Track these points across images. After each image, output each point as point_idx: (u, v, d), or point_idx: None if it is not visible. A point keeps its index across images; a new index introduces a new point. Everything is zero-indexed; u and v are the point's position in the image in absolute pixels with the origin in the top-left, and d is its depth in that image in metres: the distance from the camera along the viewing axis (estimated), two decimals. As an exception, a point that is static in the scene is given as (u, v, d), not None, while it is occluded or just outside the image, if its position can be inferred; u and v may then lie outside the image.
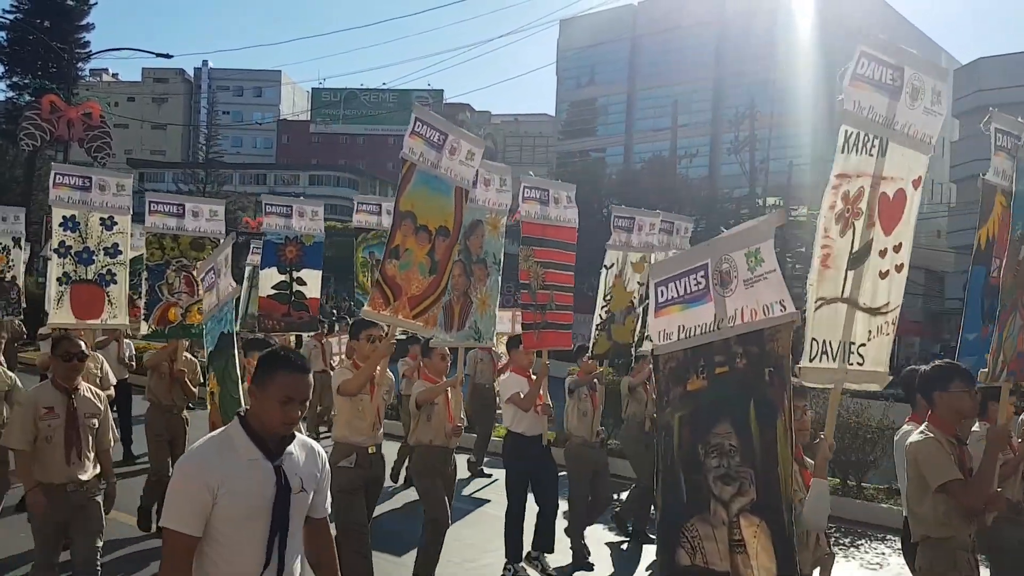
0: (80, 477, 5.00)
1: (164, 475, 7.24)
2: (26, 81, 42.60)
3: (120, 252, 7.53)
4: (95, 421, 5.13)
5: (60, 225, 7.32)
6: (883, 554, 8.01)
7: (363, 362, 5.69)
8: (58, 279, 7.29)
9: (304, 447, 3.01)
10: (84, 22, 43.19)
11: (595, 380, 7.59)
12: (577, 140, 52.21)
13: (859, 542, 8.41)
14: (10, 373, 6.72)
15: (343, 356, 9.67)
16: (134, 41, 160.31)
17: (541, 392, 6.85)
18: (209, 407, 4.92)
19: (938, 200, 50.73)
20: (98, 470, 5.20)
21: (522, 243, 6.99)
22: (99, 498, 5.15)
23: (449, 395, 6.35)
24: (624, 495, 8.70)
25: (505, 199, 6.92)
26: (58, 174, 7.41)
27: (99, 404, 5.20)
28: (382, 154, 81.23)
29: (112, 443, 5.37)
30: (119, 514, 6.86)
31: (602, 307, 7.87)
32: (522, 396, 6.81)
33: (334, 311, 28.18)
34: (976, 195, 6.71)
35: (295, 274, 9.51)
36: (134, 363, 10.85)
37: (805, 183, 38.12)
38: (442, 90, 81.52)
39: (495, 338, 8.85)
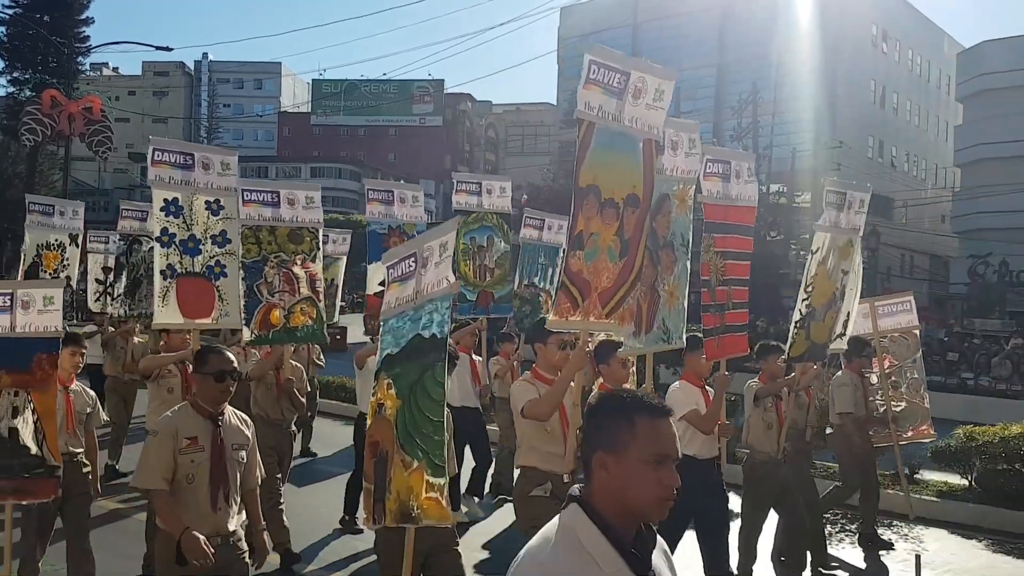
0: (228, 527, 4.03)
1: (278, 498, 6.67)
2: (27, 76, 42.66)
3: (229, 241, 6.47)
4: (243, 454, 4.15)
5: (161, 209, 6.25)
6: (889, 539, 7.98)
7: (550, 373, 4.75)
8: (162, 272, 6.23)
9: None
10: (84, 16, 43.24)
11: (785, 388, 6.56)
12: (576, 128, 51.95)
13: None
14: (91, 392, 5.91)
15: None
16: (134, 35, 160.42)
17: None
18: (369, 420, 4.20)
19: (942, 185, 50.62)
20: (243, 516, 4.23)
21: (704, 230, 5.95)
22: (246, 555, 4.17)
23: None
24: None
25: (694, 165, 5.72)
26: (157, 150, 6.26)
27: (247, 432, 4.24)
28: (383, 145, 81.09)
29: (259, 481, 4.37)
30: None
31: (803, 300, 6.68)
32: (702, 413, 5.71)
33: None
34: (980, 180, 6.64)
35: None
36: None
37: (808, 169, 38.04)
38: (443, 80, 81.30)
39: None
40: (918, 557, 6.34)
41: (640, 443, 1.90)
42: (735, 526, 6.30)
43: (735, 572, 6.13)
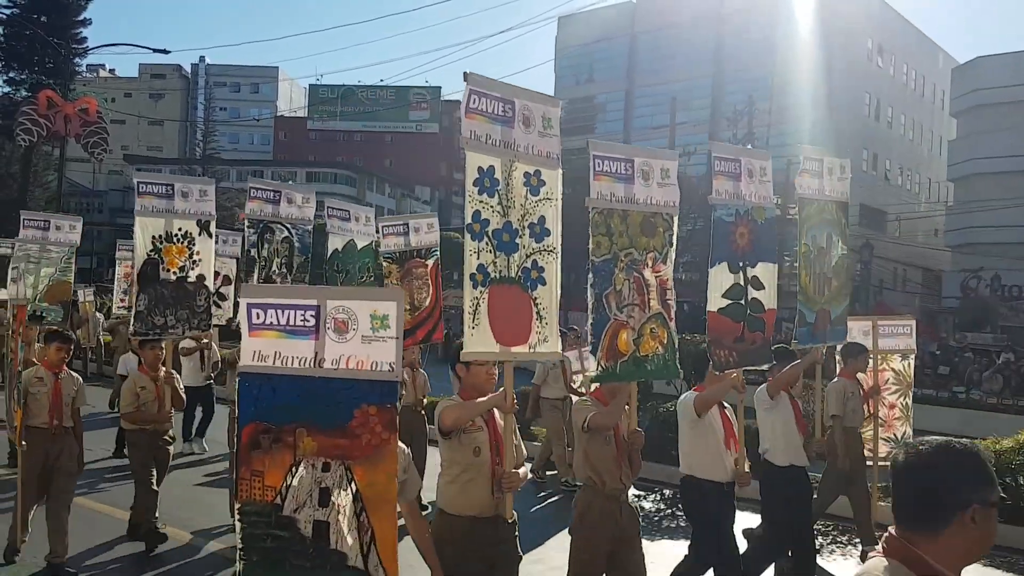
0: None
1: None
2: (23, 77, 42.66)
3: (547, 232, 4.52)
4: None
5: (475, 183, 4.29)
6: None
7: None
8: (472, 276, 4.25)
9: None
10: (81, 17, 43.21)
11: None
12: (576, 137, 51.89)
13: (856, 540, 8.42)
14: (401, 447, 3.66)
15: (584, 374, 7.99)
16: (131, 37, 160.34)
17: None
18: None
19: (935, 198, 50.83)
20: None
21: None
22: None
23: None
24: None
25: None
26: (475, 92, 4.34)
27: None
28: (379, 151, 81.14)
29: None
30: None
31: None
32: None
33: None
34: (973, 194, 6.65)
35: (749, 272, 5.83)
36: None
37: (803, 181, 38.11)
38: (440, 87, 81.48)
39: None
40: None
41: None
42: None
43: None
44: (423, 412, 9.04)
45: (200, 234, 7.69)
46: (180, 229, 7.56)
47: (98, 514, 8.06)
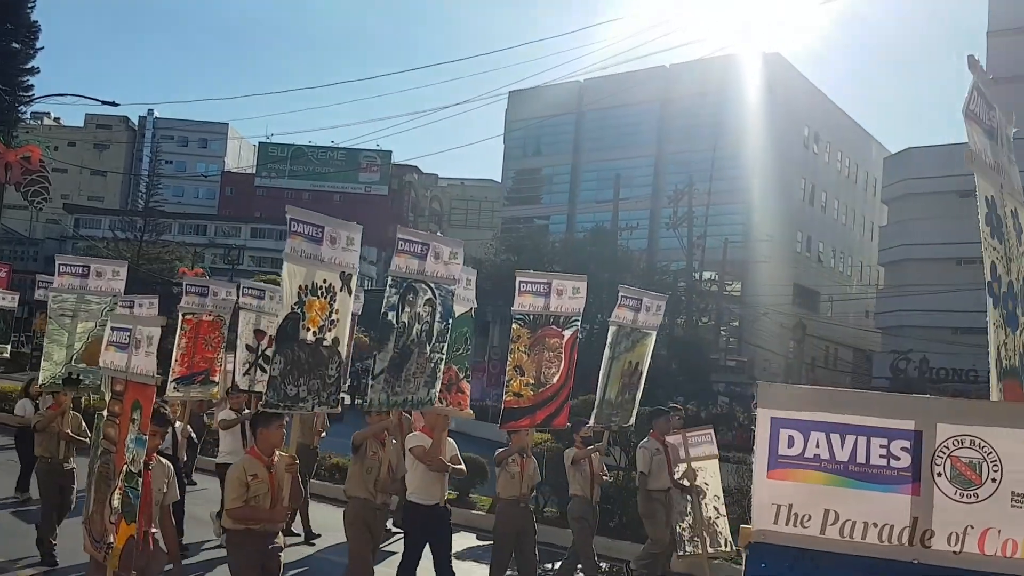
0: None
1: None
2: (-36, 121, 41.89)
3: None
4: None
5: (987, 221, 2.97)
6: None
7: None
8: (997, 363, 2.92)
9: None
10: (29, 65, 42.82)
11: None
12: (522, 207, 52.92)
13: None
14: None
15: None
16: (79, 86, 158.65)
17: None
18: None
19: (867, 282, 52.62)
20: None
21: None
22: None
23: None
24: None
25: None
26: (977, 89, 3.11)
27: None
28: (328, 210, 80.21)
29: None
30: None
31: None
32: None
33: None
34: (903, 279, 7.00)
35: None
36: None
37: (738, 259, 39.32)
38: (390, 151, 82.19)
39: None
40: None
41: None
42: None
43: None
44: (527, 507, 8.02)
45: (342, 288, 6.32)
46: (324, 281, 6.19)
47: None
